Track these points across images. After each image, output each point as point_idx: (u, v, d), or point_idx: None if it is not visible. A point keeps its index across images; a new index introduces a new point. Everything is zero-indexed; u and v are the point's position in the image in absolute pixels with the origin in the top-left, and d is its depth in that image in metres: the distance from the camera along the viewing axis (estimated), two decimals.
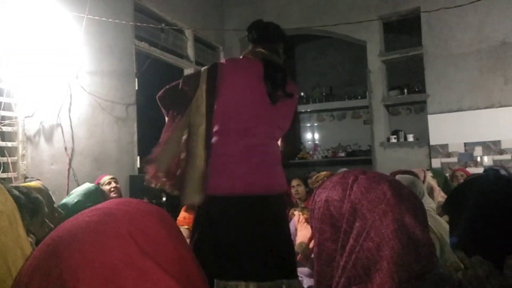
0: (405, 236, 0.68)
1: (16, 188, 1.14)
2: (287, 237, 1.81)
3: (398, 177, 2.23)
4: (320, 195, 0.83)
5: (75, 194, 2.55)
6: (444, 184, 3.13)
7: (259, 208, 1.69)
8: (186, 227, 3.22)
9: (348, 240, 0.72)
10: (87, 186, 2.63)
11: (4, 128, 2.76)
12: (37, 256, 0.53)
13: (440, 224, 1.86)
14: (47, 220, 1.16)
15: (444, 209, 1.42)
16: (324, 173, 2.57)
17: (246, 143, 1.72)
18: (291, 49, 7.05)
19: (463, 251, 1.05)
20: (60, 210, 1.59)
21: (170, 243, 0.58)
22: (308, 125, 7.10)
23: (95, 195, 2.45)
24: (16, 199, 0.83)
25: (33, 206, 1.05)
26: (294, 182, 3.45)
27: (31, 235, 0.98)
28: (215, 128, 1.74)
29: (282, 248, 1.74)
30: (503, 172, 3.40)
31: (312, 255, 2.46)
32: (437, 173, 3.28)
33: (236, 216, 1.67)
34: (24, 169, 2.85)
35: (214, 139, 1.74)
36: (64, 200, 2.62)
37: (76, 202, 2.29)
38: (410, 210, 0.70)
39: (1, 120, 2.72)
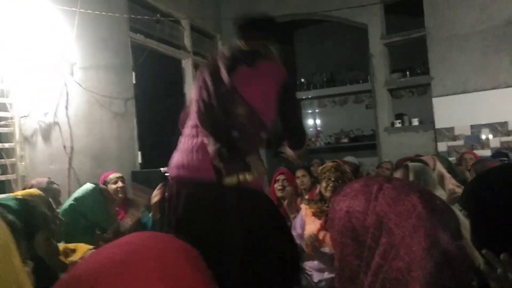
0: (438, 253, 0.61)
1: (16, 201, 1.07)
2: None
3: (409, 164, 2.17)
4: (340, 203, 0.76)
5: (72, 196, 2.40)
6: (449, 169, 3.06)
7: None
8: None
9: (374, 257, 0.65)
10: (85, 186, 2.48)
11: (1, 129, 2.69)
12: None
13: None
14: (52, 238, 1.09)
15: (461, 204, 1.36)
16: (330, 164, 2.49)
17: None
18: (289, 35, 6.91)
19: (490, 249, 0.99)
20: (60, 217, 1.53)
21: (200, 286, 0.51)
22: (310, 111, 7.00)
23: (93, 196, 2.30)
24: (11, 225, 0.76)
25: (35, 226, 0.98)
26: (299, 173, 3.38)
27: (28, 261, 0.92)
28: None
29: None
30: None
31: (322, 249, 2.41)
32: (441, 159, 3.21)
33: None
34: (23, 170, 2.79)
35: None
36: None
37: (70, 205, 2.15)
38: (443, 224, 0.63)
39: None
